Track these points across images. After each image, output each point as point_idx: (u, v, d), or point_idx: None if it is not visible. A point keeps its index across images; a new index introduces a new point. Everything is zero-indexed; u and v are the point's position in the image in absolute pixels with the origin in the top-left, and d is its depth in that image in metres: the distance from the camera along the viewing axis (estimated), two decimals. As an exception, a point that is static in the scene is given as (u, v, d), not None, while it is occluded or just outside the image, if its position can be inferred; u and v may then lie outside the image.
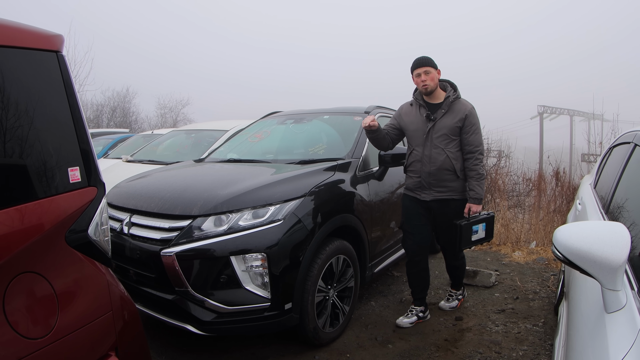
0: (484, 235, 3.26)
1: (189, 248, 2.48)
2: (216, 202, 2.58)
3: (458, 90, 3.27)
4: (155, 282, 2.68)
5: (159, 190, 2.88)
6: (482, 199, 3.21)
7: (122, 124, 27.88)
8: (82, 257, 1.51)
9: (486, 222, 3.26)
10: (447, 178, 3.18)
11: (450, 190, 3.21)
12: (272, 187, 2.73)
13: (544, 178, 7.76)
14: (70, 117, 1.54)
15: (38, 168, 1.41)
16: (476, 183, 3.17)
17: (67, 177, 1.49)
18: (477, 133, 3.18)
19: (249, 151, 3.97)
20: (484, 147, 3.31)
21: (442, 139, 3.15)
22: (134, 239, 2.76)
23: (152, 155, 6.01)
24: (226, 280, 2.49)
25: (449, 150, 3.15)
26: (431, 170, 3.18)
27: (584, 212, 2.83)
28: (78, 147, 1.55)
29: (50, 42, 1.53)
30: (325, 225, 2.81)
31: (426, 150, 3.19)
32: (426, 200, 3.24)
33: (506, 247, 6.07)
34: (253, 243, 2.47)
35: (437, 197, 3.22)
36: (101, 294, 1.54)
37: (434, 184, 3.20)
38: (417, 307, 3.52)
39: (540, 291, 4.29)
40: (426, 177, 3.20)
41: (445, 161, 3.15)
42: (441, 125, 3.15)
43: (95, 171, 1.59)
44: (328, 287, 2.95)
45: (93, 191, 1.57)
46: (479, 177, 3.17)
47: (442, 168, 3.16)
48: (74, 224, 1.49)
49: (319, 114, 4.10)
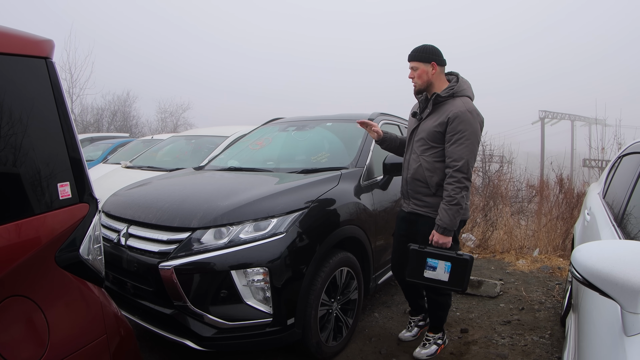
0: (447, 278, 2.57)
1: (188, 262, 2.40)
2: (216, 214, 2.50)
3: (463, 86, 2.67)
4: (153, 296, 2.60)
5: (157, 201, 2.81)
6: (451, 230, 2.56)
7: (123, 128, 27.81)
8: (74, 279, 1.42)
9: (452, 264, 2.55)
10: (422, 191, 2.74)
11: (425, 205, 2.74)
12: (274, 198, 2.65)
13: (547, 184, 7.69)
14: (60, 129, 1.45)
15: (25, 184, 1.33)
16: (444, 207, 2.55)
17: (56, 193, 1.40)
18: (462, 144, 2.52)
19: (250, 159, 3.89)
20: (470, 164, 2.55)
21: (420, 143, 2.71)
22: (131, 251, 2.69)
23: (151, 162, 5.93)
24: (226, 295, 2.41)
25: (424, 158, 2.67)
26: (407, 177, 2.81)
27: (594, 223, 2.76)
28: (68, 160, 1.46)
29: (39, 47, 1.44)
30: (329, 238, 2.73)
31: (407, 155, 2.84)
32: (405, 210, 2.91)
33: (510, 255, 6.00)
34: (254, 257, 2.39)
35: (414, 210, 2.81)
36: (94, 317, 1.45)
37: (411, 194, 2.81)
38: (414, 317, 3.31)
39: (546, 301, 4.22)
40: (404, 184, 2.87)
41: (418, 170, 2.71)
42: (423, 128, 2.71)
43: (87, 186, 1.50)
44: (331, 300, 2.87)
45: (84, 208, 1.48)
46: (450, 201, 2.53)
47: (415, 178, 2.74)
48: (64, 243, 1.41)
49: (321, 121, 4.02)
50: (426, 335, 3.09)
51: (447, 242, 2.60)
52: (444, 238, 2.59)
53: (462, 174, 2.54)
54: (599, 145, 8.96)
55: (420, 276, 2.62)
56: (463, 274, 2.56)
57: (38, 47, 1.44)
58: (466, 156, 2.53)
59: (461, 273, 2.56)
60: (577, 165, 16.44)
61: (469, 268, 2.56)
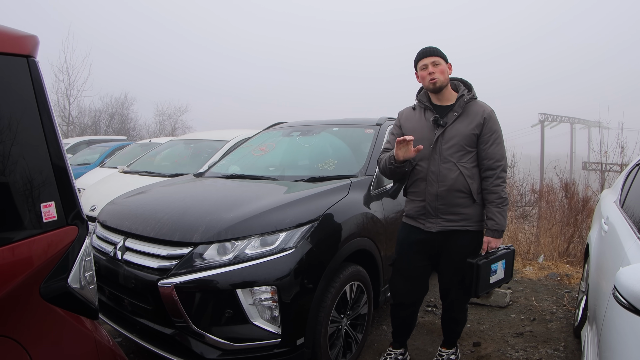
0: (503, 275, 2.64)
1: (189, 279, 2.24)
2: (220, 227, 2.35)
3: (474, 90, 2.63)
4: (152, 315, 2.45)
5: (156, 212, 2.65)
6: (504, 230, 2.56)
7: (121, 131, 27.60)
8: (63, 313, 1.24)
9: (506, 259, 2.63)
10: (460, 202, 2.52)
11: (463, 218, 2.54)
12: (282, 210, 2.49)
13: (552, 189, 7.57)
14: (43, 139, 1.26)
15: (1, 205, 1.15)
16: (497, 210, 2.49)
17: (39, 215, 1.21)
18: (500, 143, 2.54)
19: (253, 165, 3.73)
20: (507, 161, 2.63)
21: (454, 150, 2.50)
22: (129, 266, 2.53)
23: (149, 166, 5.78)
24: (231, 314, 2.25)
25: (462, 165, 2.49)
26: (439, 191, 2.51)
27: (614, 234, 2.62)
28: (53, 176, 1.26)
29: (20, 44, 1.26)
30: (340, 252, 2.58)
31: (433, 166, 2.52)
32: (431, 231, 2.56)
33: (517, 262, 5.87)
34: (262, 274, 2.23)
35: (446, 228, 2.54)
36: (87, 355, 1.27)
37: (443, 210, 2.53)
38: (395, 350, 2.91)
39: (557, 311, 4.11)
40: (432, 200, 2.53)
41: (457, 180, 2.49)
42: (453, 133, 2.50)
43: (75, 206, 1.30)
44: (341, 316, 2.72)
45: (73, 231, 1.29)
46: (502, 203, 2.50)
47: (454, 189, 2.49)
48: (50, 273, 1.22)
49: (327, 126, 3.86)
50: (439, 351, 2.96)
51: (500, 243, 2.60)
52: (499, 241, 2.56)
53: (505, 173, 2.57)
54: (601, 148, 8.82)
55: (487, 286, 2.56)
56: (512, 263, 2.70)
57: (19, 43, 1.26)
58: (504, 154, 2.57)
59: (511, 263, 2.69)
60: (576, 168, 16.37)
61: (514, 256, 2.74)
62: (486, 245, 2.57)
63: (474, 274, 2.46)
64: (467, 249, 2.56)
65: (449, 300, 2.76)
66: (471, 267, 2.47)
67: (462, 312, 2.83)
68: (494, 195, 2.51)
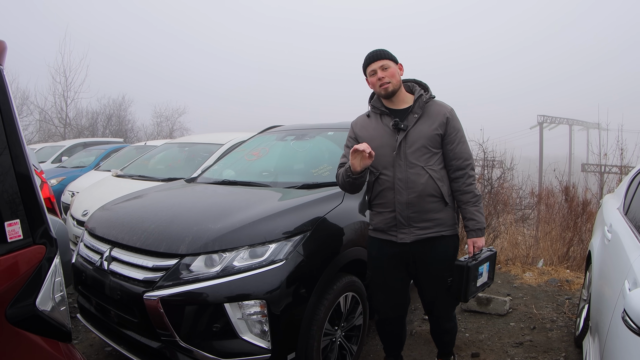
0: (487, 278, 2.57)
1: (175, 292, 2.15)
2: (207, 238, 2.25)
3: (431, 90, 2.51)
4: (139, 327, 2.36)
5: (143, 220, 2.56)
6: (485, 227, 2.48)
7: (118, 132, 27.52)
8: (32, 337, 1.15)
9: (489, 262, 2.55)
10: (433, 208, 2.37)
11: (437, 224, 2.39)
12: (272, 219, 2.40)
13: (551, 192, 7.49)
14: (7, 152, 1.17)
15: None
16: (475, 209, 2.42)
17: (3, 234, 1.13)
18: (465, 142, 2.45)
19: (245, 171, 3.64)
20: (474, 160, 2.57)
21: (419, 153, 2.35)
22: (115, 277, 2.44)
23: (142, 170, 5.69)
24: (220, 329, 2.16)
25: (431, 168, 2.35)
26: (410, 199, 2.34)
27: (618, 244, 2.53)
28: (18, 192, 1.17)
29: None
30: (333, 263, 2.49)
31: (399, 173, 2.35)
32: (405, 242, 2.39)
33: (516, 267, 5.80)
34: (251, 288, 2.14)
35: (420, 237, 2.38)
36: None
37: (415, 218, 2.36)
38: None
39: (558, 319, 4.02)
40: (403, 209, 2.36)
41: (428, 184, 2.34)
42: (416, 135, 2.35)
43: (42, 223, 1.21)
44: (335, 328, 2.63)
45: (40, 250, 1.20)
46: (477, 200, 2.44)
47: (425, 194, 2.34)
48: (16, 295, 1.14)
49: (322, 130, 3.76)
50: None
51: (484, 242, 2.51)
52: (483, 239, 2.48)
53: (474, 171, 2.49)
54: (601, 150, 8.75)
55: (475, 288, 2.46)
56: (494, 266, 2.62)
57: None
58: (470, 153, 2.49)
59: (494, 265, 2.60)
60: (574, 170, 16.32)
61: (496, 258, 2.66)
62: (472, 246, 2.46)
63: (464, 276, 2.34)
64: (445, 255, 2.44)
65: (436, 313, 2.61)
66: (461, 269, 2.35)
67: (451, 320, 2.67)
68: (468, 195, 2.42)
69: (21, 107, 25.34)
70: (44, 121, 26.21)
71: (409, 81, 2.55)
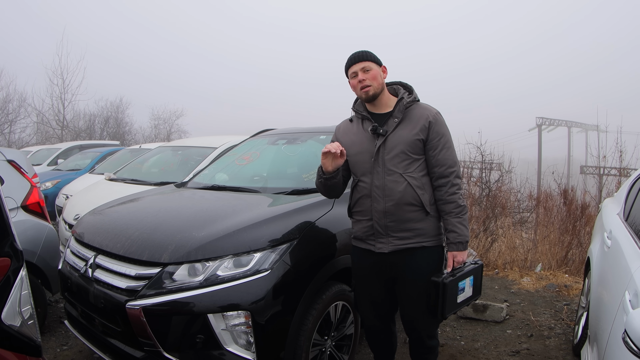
0: (472, 292, 2.42)
1: (158, 302, 2.08)
2: (190, 247, 2.18)
3: (415, 92, 2.37)
4: (123, 336, 2.29)
5: (128, 227, 2.49)
6: (468, 241, 2.32)
7: (116, 135, 27.48)
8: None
9: (474, 275, 2.40)
10: (412, 217, 2.24)
11: (418, 234, 2.25)
12: (258, 227, 2.33)
13: (550, 195, 7.42)
14: None
15: None
16: (457, 220, 2.25)
17: None
18: (450, 147, 2.29)
19: (236, 176, 3.57)
20: (460, 167, 2.39)
21: (398, 159, 2.23)
22: (98, 285, 2.39)
23: (135, 174, 5.63)
24: (203, 340, 2.09)
25: (410, 175, 2.22)
26: (387, 207, 2.22)
27: (619, 252, 2.46)
28: None
29: None
30: (322, 272, 2.41)
31: (377, 180, 2.24)
32: (383, 252, 2.28)
33: (513, 273, 5.72)
34: (234, 298, 2.07)
35: (399, 247, 2.25)
36: None
37: (393, 228, 2.24)
38: None
39: (556, 326, 3.95)
40: (380, 218, 2.24)
41: (406, 192, 2.21)
42: (395, 141, 2.24)
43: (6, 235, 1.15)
44: (325, 337, 2.56)
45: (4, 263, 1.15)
46: (461, 212, 2.26)
47: (403, 202, 2.21)
48: None
49: (314, 134, 3.69)
50: None
51: (466, 256, 2.33)
52: (464, 254, 2.30)
53: (459, 179, 2.30)
54: (600, 152, 8.68)
55: (454, 305, 2.30)
56: (481, 279, 2.50)
57: None
58: (456, 159, 2.32)
59: (480, 279, 2.48)
60: (573, 172, 16.27)
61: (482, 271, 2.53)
62: (451, 260, 2.29)
63: (440, 293, 2.19)
64: (427, 267, 2.28)
65: (416, 333, 2.44)
66: (436, 286, 2.20)
67: (434, 338, 2.50)
68: (450, 205, 2.25)
69: (19, 109, 25.34)
70: (41, 123, 26.19)
71: (395, 84, 2.44)
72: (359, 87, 2.27)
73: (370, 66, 2.26)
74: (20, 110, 25.33)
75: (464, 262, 2.32)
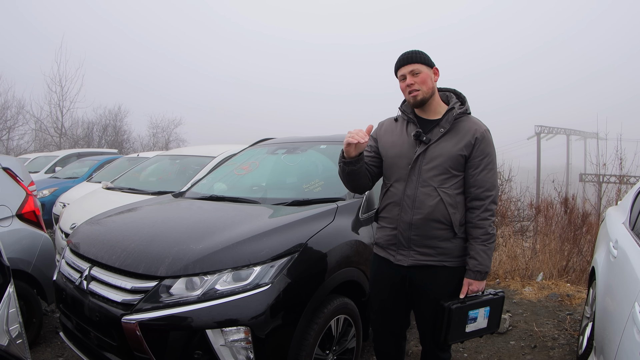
0: (486, 325, 2.23)
1: (154, 317, 2.02)
2: (187, 260, 2.12)
3: (468, 104, 2.24)
4: (118, 351, 2.23)
5: (124, 239, 2.43)
6: (488, 272, 2.17)
7: (114, 143, 27.43)
8: None
9: (491, 306, 2.21)
10: (438, 235, 2.12)
11: (441, 253, 2.14)
12: (258, 240, 2.27)
13: (550, 204, 7.38)
14: None
15: None
16: (482, 248, 2.10)
17: None
18: (492, 169, 2.14)
19: (234, 186, 3.51)
20: (498, 191, 2.23)
21: (435, 172, 2.10)
22: (94, 297, 2.33)
23: (133, 183, 5.57)
24: (201, 356, 2.03)
25: (444, 190, 2.10)
26: (414, 219, 2.11)
27: (626, 262, 2.42)
28: None
29: None
30: (323, 285, 2.35)
31: (409, 189, 2.13)
32: (402, 265, 2.18)
33: (515, 282, 5.67)
34: (234, 313, 2.01)
35: (419, 262, 2.14)
36: None
37: (417, 242, 2.14)
38: None
39: (559, 337, 3.89)
40: (405, 229, 2.14)
41: (437, 208, 2.09)
42: (437, 152, 2.11)
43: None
44: (326, 352, 2.49)
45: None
46: (488, 240, 2.11)
47: (431, 218, 2.10)
48: None
49: (315, 143, 3.64)
50: None
51: (483, 286, 2.18)
52: (481, 284, 2.15)
53: (495, 206, 2.16)
54: (600, 160, 8.66)
55: (461, 335, 2.15)
56: (500, 312, 2.27)
57: None
58: (496, 184, 2.17)
59: (498, 312, 2.26)
60: (572, 180, 16.26)
61: (503, 304, 2.29)
62: (466, 288, 2.15)
63: (445, 319, 2.07)
64: (444, 287, 2.17)
65: (429, 345, 2.34)
66: (442, 310, 2.08)
67: (446, 352, 2.39)
68: (479, 230, 2.10)
69: (17, 116, 25.31)
70: (39, 130, 26.15)
71: (448, 90, 2.31)
72: (407, 91, 2.15)
73: (419, 69, 2.12)
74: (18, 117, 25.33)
75: (480, 291, 2.18)
